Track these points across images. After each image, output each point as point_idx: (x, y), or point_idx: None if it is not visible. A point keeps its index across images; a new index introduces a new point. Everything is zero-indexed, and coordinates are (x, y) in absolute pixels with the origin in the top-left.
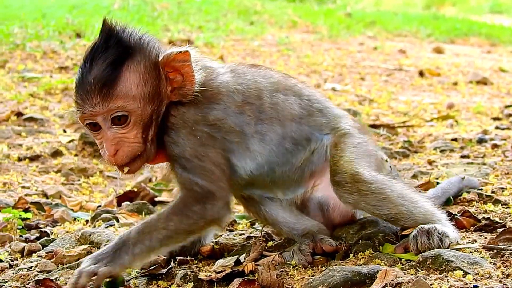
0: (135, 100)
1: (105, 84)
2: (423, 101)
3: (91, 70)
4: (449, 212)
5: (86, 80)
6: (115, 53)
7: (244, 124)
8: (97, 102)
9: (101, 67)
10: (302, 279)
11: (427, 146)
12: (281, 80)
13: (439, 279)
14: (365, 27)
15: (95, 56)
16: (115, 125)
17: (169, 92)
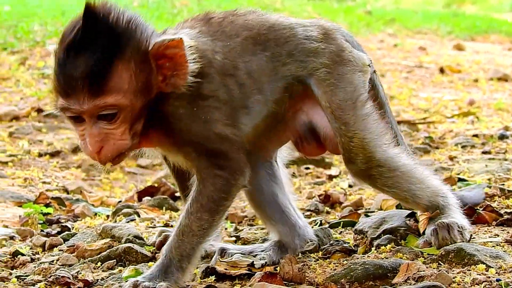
0: (126, 96)
1: (94, 79)
2: (444, 98)
3: (78, 62)
4: (470, 207)
5: (72, 74)
6: (104, 42)
7: (230, 96)
8: (85, 100)
9: (90, 59)
10: (324, 273)
11: (448, 142)
12: (262, 34)
13: (462, 273)
14: (385, 25)
15: (80, 45)
16: (102, 120)
17: (160, 83)
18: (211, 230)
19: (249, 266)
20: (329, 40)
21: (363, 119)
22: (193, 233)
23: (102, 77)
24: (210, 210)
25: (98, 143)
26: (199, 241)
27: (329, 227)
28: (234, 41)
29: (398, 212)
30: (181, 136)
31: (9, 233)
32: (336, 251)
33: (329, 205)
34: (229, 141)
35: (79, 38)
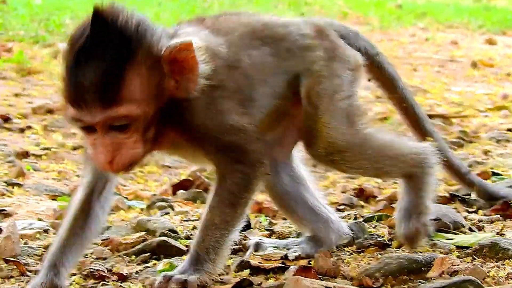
0: (139, 105)
1: (106, 90)
2: (477, 92)
3: (88, 71)
4: (506, 202)
5: (83, 84)
6: (114, 48)
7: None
8: (97, 111)
9: (100, 68)
10: (358, 267)
11: (482, 136)
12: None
13: (496, 267)
14: (416, 18)
15: (89, 53)
16: (114, 130)
17: (172, 88)
18: (235, 222)
19: (283, 258)
20: (323, 37)
21: (335, 110)
22: (216, 227)
23: (114, 87)
24: (232, 203)
25: (111, 153)
26: (223, 233)
27: (364, 221)
28: (233, 36)
29: (434, 206)
30: (197, 132)
31: (43, 226)
32: (370, 245)
33: (363, 199)
34: (245, 131)
35: (88, 44)
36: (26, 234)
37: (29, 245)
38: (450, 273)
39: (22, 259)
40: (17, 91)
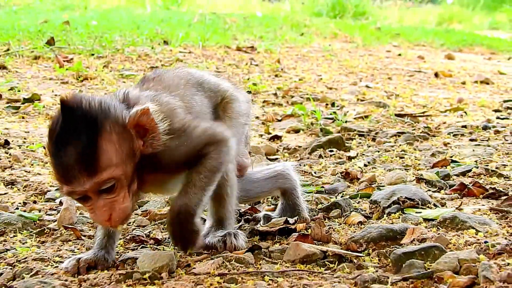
0: (118, 167)
1: (87, 163)
2: (438, 97)
3: (68, 152)
4: (462, 183)
5: (68, 163)
6: (84, 128)
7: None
8: (85, 182)
9: (78, 146)
10: (346, 234)
11: (443, 131)
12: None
13: (456, 236)
14: (391, 38)
15: (65, 137)
16: (104, 193)
17: (142, 147)
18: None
19: (285, 223)
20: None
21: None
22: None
23: (92, 159)
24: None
25: (107, 212)
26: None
27: (349, 198)
28: (181, 89)
29: (406, 187)
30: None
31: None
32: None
33: (349, 180)
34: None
35: (63, 130)
36: (81, 206)
37: (83, 215)
38: (420, 240)
39: (78, 226)
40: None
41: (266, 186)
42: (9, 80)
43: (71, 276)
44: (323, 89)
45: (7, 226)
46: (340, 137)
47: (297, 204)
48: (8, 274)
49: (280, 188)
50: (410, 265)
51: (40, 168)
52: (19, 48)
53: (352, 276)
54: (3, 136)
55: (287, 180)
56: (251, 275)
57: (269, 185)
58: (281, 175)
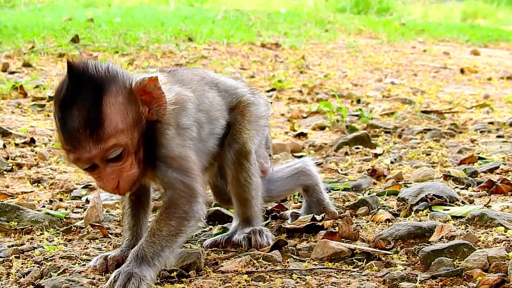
0: (124, 133)
1: (94, 128)
2: (464, 93)
3: (75, 117)
4: (490, 180)
5: (74, 129)
6: (91, 92)
7: (201, 129)
8: (92, 148)
9: (84, 110)
10: (374, 232)
11: (469, 128)
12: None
13: (485, 233)
14: (416, 34)
15: (72, 101)
16: (112, 161)
17: (147, 113)
18: (178, 241)
19: (312, 220)
20: (241, 81)
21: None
22: (163, 239)
23: (99, 124)
24: (178, 217)
25: (114, 180)
26: (167, 246)
27: (377, 195)
28: (193, 84)
29: (433, 184)
30: (161, 150)
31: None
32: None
33: (375, 178)
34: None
35: (69, 94)
36: (108, 204)
37: (110, 213)
38: (448, 237)
39: (105, 224)
40: None
41: (288, 185)
42: (34, 78)
43: (99, 274)
44: (349, 85)
45: (34, 224)
46: (366, 134)
47: (322, 199)
48: (36, 272)
49: (302, 185)
50: (438, 263)
51: (66, 166)
52: (44, 46)
53: (381, 274)
54: (29, 134)
55: (308, 176)
56: (279, 273)
57: (291, 183)
58: (302, 172)
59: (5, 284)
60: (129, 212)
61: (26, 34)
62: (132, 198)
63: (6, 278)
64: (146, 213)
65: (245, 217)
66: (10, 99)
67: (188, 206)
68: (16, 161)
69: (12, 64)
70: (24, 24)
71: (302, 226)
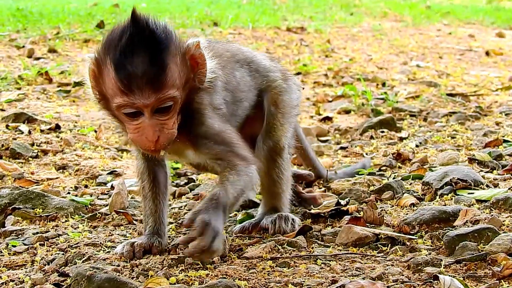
0: (178, 89)
1: (156, 76)
2: (490, 75)
3: (138, 62)
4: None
5: (135, 73)
6: (155, 44)
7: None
8: (149, 94)
9: (148, 58)
10: (398, 217)
11: (494, 111)
12: (236, 54)
13: (510, 217)
14: (441, 17)
15: (134, 48)
16: (158, 113)
17: (192, 79)
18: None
19: (337, 205)
20: (276, 62)
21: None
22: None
23: (161, 74)
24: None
25: (156, 133)
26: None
27: (401, 179)
28: (223, 60)
29: (458, 168)
30: (202, 128)
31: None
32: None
33: (401, 162)
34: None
35: (132, 40)
36: (133, 190)
37: (135, 199)
38: (473, 221)
39: (130, 211)
40: None
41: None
42: (60, 64)
43: (124, 262)
44: (374, 69)
45: (58, 211)
46: (391, 117)
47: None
48: (60, 259)
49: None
50: (463, 247)
51: (91, 152)
52: (69, 31)
53: (405, 259)
54: (54, 120)
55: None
56: (304, 258)
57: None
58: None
59: (29, 272)
60: (150, 196)
61: (51, 20)
62: (151, 181)
63: (31, 265)
64: (165, 197)
65: (273, 206)
66: (35, 85)
67: (247, 169)
68: (41, 147)
69: (38, 50)
70: (49, 10)
71: (327, 211)
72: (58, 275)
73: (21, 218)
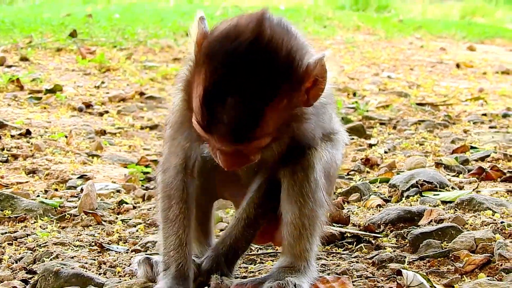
0: (270, 136)
1: (242, 130)
2: (459, 86)
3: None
4: (480, 167)
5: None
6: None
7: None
8: (228, 143)
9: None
10: (364, 217)
11: (463, 119)
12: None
13: (473, 217)
14: (414, 31)
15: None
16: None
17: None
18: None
19: None
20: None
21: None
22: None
23: (250, 128)
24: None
25: (231, 162)
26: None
27: (369, 182)
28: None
29: (424, 170)
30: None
31: (116, 187)
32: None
33: (369, 166)
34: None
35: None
36: (102, 193)
37: (104, 201)
38: (437, 221)
39: (99, 212)
40: (98, 84)
41: None
42: (31, 72)
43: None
44: (345, 79)
45: (27, 212)
46: (361, 125)
47: None
48: (28, 258)
49: None
50: (427, 245)
51: (61, 157)
52: (41, 40)
53: (370, 256)
54: (25, 126)
55: None
56: (270, 255)
57: None
58: None
59: None
60: (179, 219)
61: (23, 29)
62: (183, 200)
63: None
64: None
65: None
66: (6, 92)
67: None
68: (11, 152)
69: (9, 59)
70: (22, 19)
71: None
72: (26, 272)
73: None
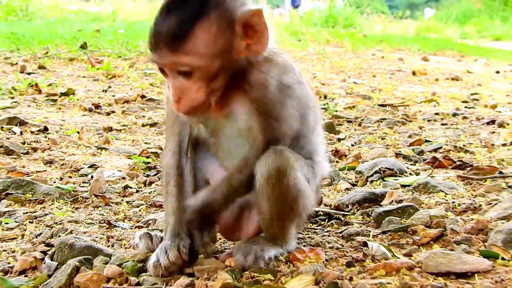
0: (201, 57)
1: (174, 39)
2: (415, 91)
3: (165, 22)
4: (434, 157)
5: (158, 31)
6: (191, 8)
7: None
8: (164, 54)
9: (175, 20)
10: (335, 198)
11: (418, 118)
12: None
13: (428, 197)
14: (376, 44)
15: (171, 8)
16: (181, 75)
17: (243, 49)
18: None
19: None
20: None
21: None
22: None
23: (181, 37)
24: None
25: (178, 95)
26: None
27: (339, 170)
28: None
29: (386, 159)
30: (260, 104)
31: (121, 175)
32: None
33: (338, 157)
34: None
35: (173, 2)
36: (110, 180)
37: (112, 186)
38: (397, 201)
39: (107, 195)
40: (105, 88)
41: None
42: (48, 78)
43: (101, 234)
44: (317, 85)
45: (45, 196)
46: (331, 123)
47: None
48: (47, 233)
49: None
50: (388, 221)
51: (74, 150)
52: (56, 51)
53: (340, 231)
54: (43, 124)
55: None
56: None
57: None
58: None
59: (20, 243)
60: (174, 192)
61: (41, 42)
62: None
63: (21, 238)
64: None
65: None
66: (26, 95)
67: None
68: (31, 145)
69: (29, 67)
70: (39, 34)
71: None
72: (45, 245)
73: (13, 202)
